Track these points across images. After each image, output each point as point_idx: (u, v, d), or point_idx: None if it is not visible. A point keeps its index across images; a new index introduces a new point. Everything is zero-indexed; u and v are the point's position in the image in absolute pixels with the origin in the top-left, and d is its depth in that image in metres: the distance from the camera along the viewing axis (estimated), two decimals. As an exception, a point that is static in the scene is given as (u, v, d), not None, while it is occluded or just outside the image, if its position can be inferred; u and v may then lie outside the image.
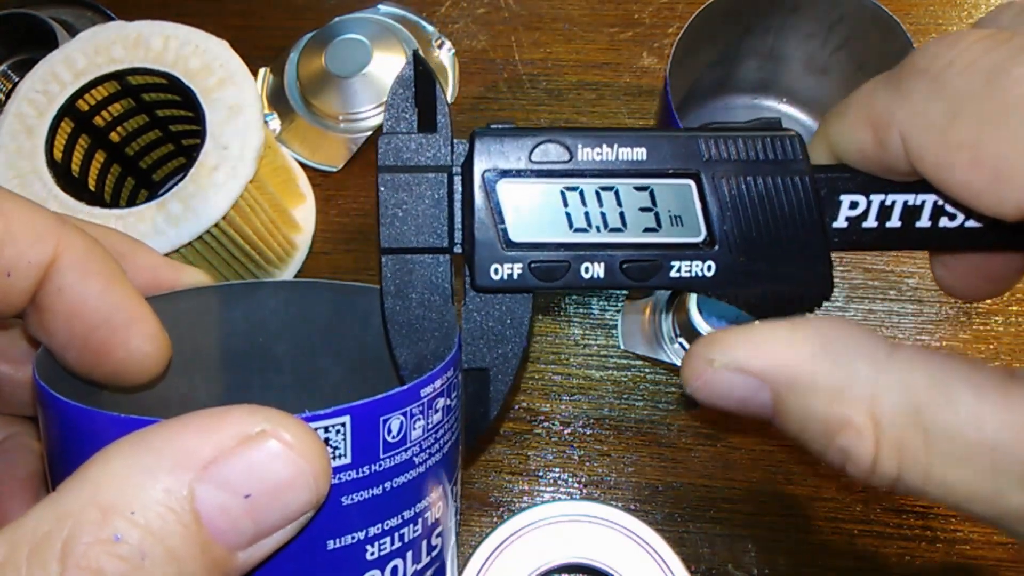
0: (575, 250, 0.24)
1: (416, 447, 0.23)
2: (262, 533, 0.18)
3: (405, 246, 0.25)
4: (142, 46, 0.44)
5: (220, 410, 0.18)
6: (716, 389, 0.23)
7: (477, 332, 0.26)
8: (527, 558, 0.37)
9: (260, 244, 0.46)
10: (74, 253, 0.24)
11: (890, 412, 0.20)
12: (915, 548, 0.44)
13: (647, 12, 0.58)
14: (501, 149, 0.24)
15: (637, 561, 0.37)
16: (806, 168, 0.24)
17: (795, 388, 0.22)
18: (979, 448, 0.20)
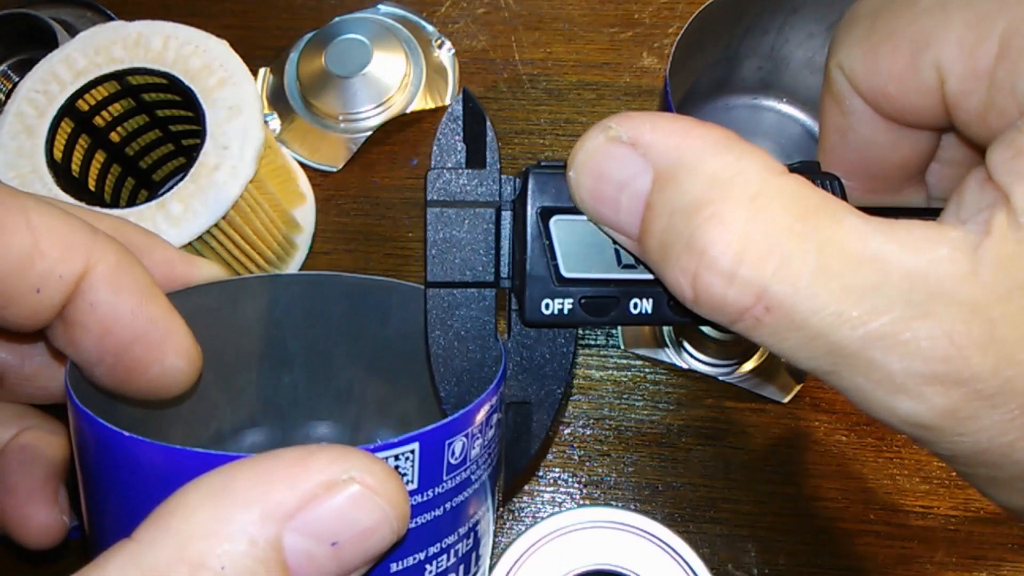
0: (624, 286, 0.25)
1: (474, 465, 0.23)
2: (344, 573, 0.18)
3: (451, 279, 0.25)
4: (142, 46, 0.44)
5: (304, 452, 0.18)
6: (596, 160, 0.21)
7: (521, 366, 0.26)
8: (553, 565, 0.37)
9: (260, 244, 0.46)
10: (107, 267, 0.23)
11: (773, 214, 0.18)
12: (915, 548, 0.44)
13: (647, 12, 0.58)
14: (554, 187, 0.24)
15: (664, 568, 0.37)
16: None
17: (676, 171, 0.20)
18: (864, 258, 0.18)
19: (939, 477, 0.45)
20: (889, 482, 0.45)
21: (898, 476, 0.45)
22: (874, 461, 0.46)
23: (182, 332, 0.25)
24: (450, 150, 0.25)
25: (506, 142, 0.54)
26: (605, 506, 0.39)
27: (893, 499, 0.45)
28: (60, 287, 0.22)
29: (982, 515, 0.44)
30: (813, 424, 0.46)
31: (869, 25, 0.21)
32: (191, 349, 0.25)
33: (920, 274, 0.17)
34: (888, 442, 0.46)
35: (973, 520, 0.44)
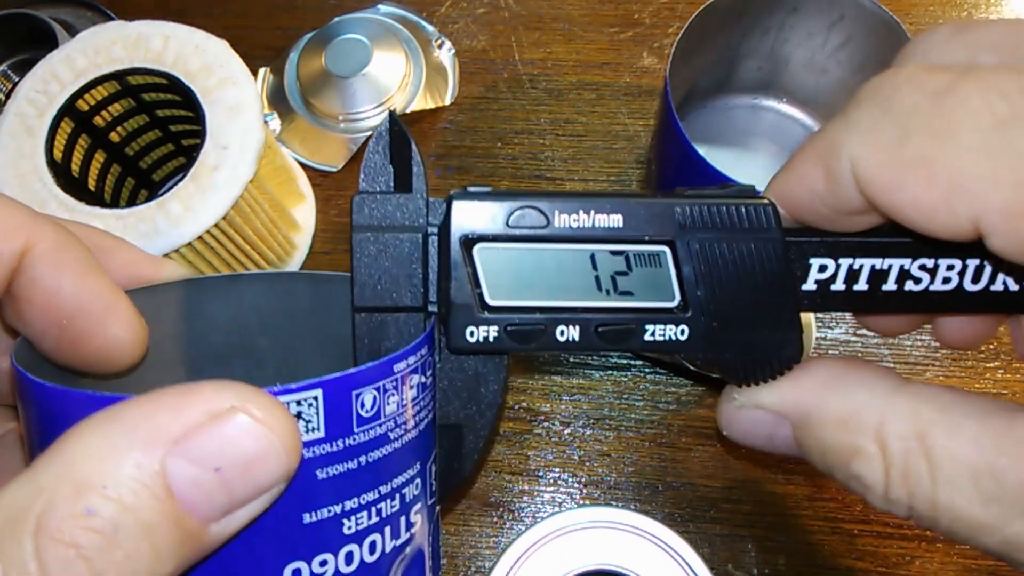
0: (551, 313, 0.25)
1: (391, 422, 0.23)
2: (234, 505, 0.19)
3: (379, 305, 0.25)
4: (142, 46, 0.44)
5: (191, 386, 0.19)
6: (743, 427, 0.25)
7: (452, 390, 0.26)
8: (553, 565, 0.37)
9: (260, 244, 0.46)
10: (47, 244, 0.24)
11: (896, 437, 0.21)
12: (915, 548, 0.44)
13: (647, 12, 0.58)
14: (478, 214, 0.24)
15: (664, 568, 0.37)
16: (779, 236, 0.24)
17: (808, 421, 0.23)
18: (982, 472, 0.20)
19: (939, 477, 0.45)
20: (889, 482, 0.45)
21: (898, 476, 0.45)
22: (874, 461, 0.46)
23: (123, 305, 0.26)
24: (378, 173, 0.25)
25: (506, 142, 0.54)
26: (605, 506, 0.39)
27: (893, 499, 0.45)
28: (3, 262, 0.24)
29: (982, 515, 0.44)
30: (813, 424, 0.46)
31: (899, 137, 0.20)
32: (134, 321, 0.26)
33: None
34: (888, 442, 0.46)
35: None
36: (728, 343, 0.25)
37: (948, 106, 0.19)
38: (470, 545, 0.45)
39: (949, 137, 0.19)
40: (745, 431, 0.25)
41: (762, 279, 0.24)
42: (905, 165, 0.20)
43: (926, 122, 0.20)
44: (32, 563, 0.16)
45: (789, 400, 0.24)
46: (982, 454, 0.20)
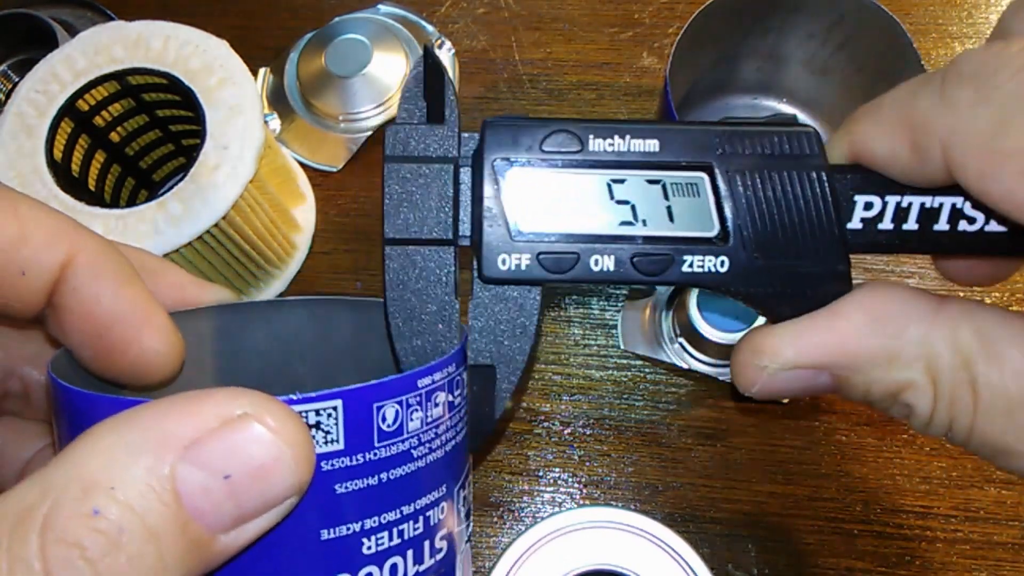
0: (585, 242, 0.24)
1: (414, 439, 0.22)
2: (244, 516, 0.18)
3: (409, 237, 0.25)
4: (142, 46, 0.44)
5: (204, 392, 0.19)
6: (776, 388, 0.24)
7: (485, 328, 0.25)
8: (553, 565, 0.37)
9: (260, 244, 0.46)
10: (88, 255, 0.25)
11: (945, 368, 0.21)
12: (915, 548, 0.44)
13: (647, 12, 0.58)
14: (512, 139, 0.24)
15: (664, 568, 0.37)
16: (823, 164, 0.23)
17: (853, 367, 0.23)
18: (1020, 403, 0.20)
19: (939, 477, 0.45)
20: (889, 482, 0.45)
21: (898, 476, 0.45)
22: (874, 461, 0.46)
23: (160, 317, 0.26)
24: (413, 107, 0.25)
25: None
26: (605, 506, 0.39)
27: (893, 499, 0.45)
28: (45, 271, 0.24)
29: (982, 515, 0.44)
30: (813, 424, 0.46)
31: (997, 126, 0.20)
32: (170, 333, 0.26)
33: None
34: (888, 442, 0.46)
35: (973, 520, 0.44)
36: (771, 276, 0.24)
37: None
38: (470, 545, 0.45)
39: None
40: (779, 392, 0.24)
41: (807, 208, 0.23)
42: (1001, 156, 0.20)
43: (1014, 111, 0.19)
44: (36, 562, 0.16)
45: (830, 352, 0.23)
46: (1022, 387, 0.20)
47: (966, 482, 0.45)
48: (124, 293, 0.25)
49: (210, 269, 0.44)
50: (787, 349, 0.23)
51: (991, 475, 0.45)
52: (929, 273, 0.49)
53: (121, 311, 0.25)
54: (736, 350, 0.24)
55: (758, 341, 0.24)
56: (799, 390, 0.24)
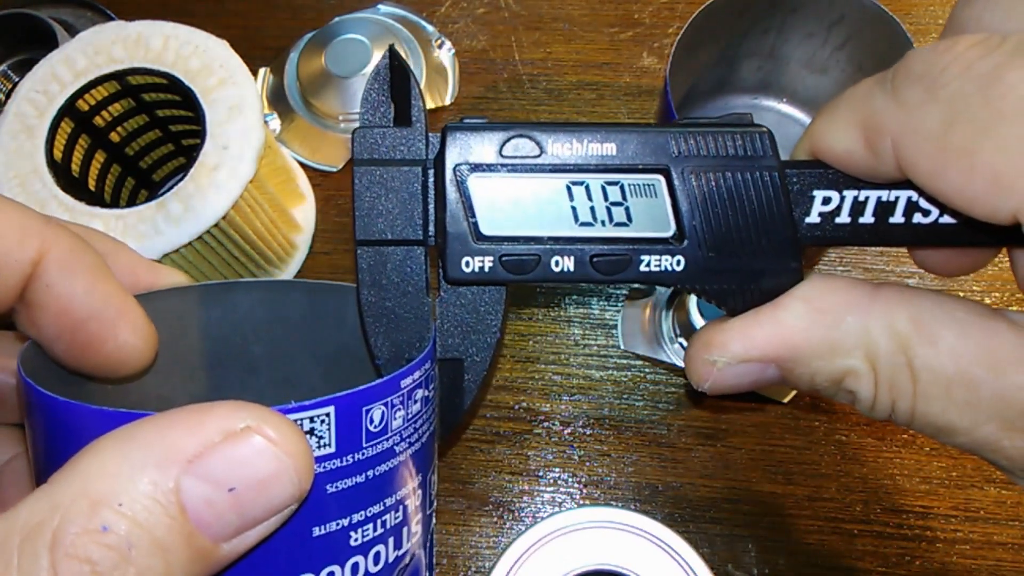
0: (546, 244, 0.25)
1: (397, 436, 0.23)
2: (246, 525, 0.19)
3: (380, 238, 0.25)
4: (142, 46, 0.44)
5: (207, 406, 0.19)
6: (726, 383, 0.25)
7: (452, 323, 0.26)
8: (553, 565, 0.37)
9: (260, 244, 0.46)
10: (60, 251, 0.25)
11: (883, 354, 0.22)
12: (915, 548, 0.44)
13: (647, 12, 0.58)
14: (472, 144, 0.24)
15: (664, 568, 0.37)
16: (775, 164, 0.24)
17: (796, 359, 0.23)
18: (957, 383, 0.21)
19: (939, 477, 0.45)
20: (889, 482, 0.45)
21: (898, 476, 0.45)
22: (874, 461, 0.46)
23: (134, 311, 0.26)
24: (377, 108, 0.25)
25: (506, 142, 0.54)
26: (605, 506, 0.39)
27: (893, 499, 0.45)
28: (18, 269, 0.24)
29: (982, 515, 0.44)
30: (813, 424, 0.46)
31: (944, 124, 0.20)
32: (144, 326, 0.27)
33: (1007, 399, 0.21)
34: (888, 442, 0.46)
35: (973, 520, 0.44)
36: (725, 273, 0.25)
37: (993, 95, 0.19)
38: (470, 545, 0.45)
39: (992, 129, 0.19)
40: (729, 386, 0.25)
41: (759, 207, 0.24)
42: (949, 154, 0.20)
43: (971, 111, 0.19)
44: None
45: (774, 346, 0.24)
46: (958, 365, 0.21)
47: (966, 482, 0.45)
48: (98, 288, 0.25)
49: (210, 269, 0.44)
50: (735, 344, 0.24)
51: (991, 475, 0.45)
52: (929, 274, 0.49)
53: (95, 306, 0.25)
54: (688, 346, 0.25)
55: (708, 336, 0.24)
56: (749, 383, 0.25)
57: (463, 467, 0.47)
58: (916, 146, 0.21)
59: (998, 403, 0.21)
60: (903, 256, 0.50)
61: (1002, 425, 0.21)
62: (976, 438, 0.22)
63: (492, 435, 0.47)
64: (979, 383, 0.21)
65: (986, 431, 0.21)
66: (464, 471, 0.47)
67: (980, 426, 0.21)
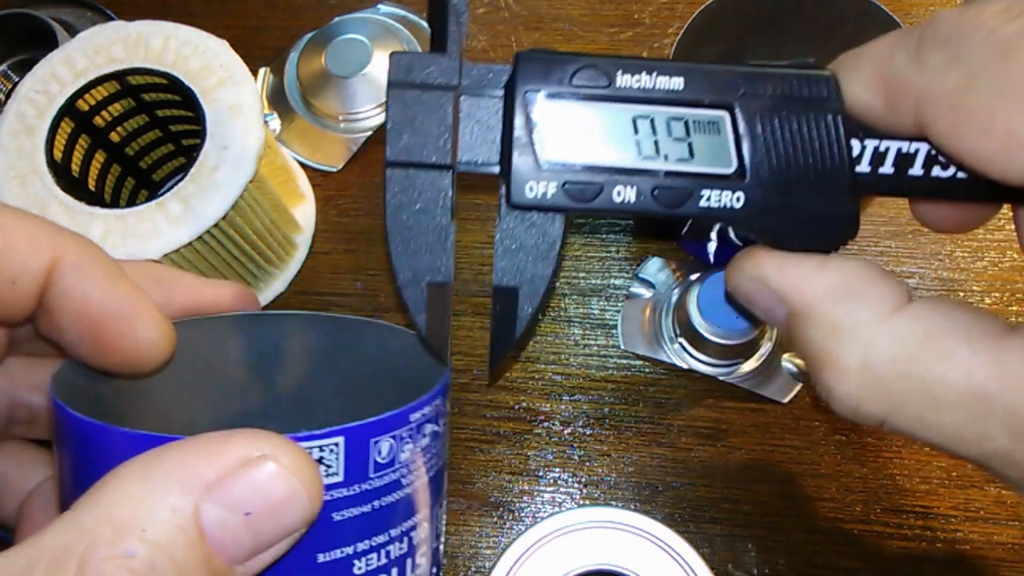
0: (608, 174, 0.25)
1: (404, 469, 0.24)
2: (260, 548, 0.20)
3: (410, 160, 0.26)
4: (142, 46, 0.44)
5: (225, 434, 0.20)
6: (746, 293, 0.26)
7: (509, 252, 0.26)
8: (553, 565, 0.37)
9: (260, 244, 0.46)
10: (72, 256, 0.26)
11: (883, 360, 0.22)
12: (915, 548, 0.44)
13: (647, 12, 0.58)
14: (543, 72, 0.25)
15: (664, 568, 0.37)
16: (839, 107, 0.24)
17: (801, 316, 0.24)
18: (968, 397, 0.21)
19: (939, 477, 0.45)
20: (889, 482, 0.45)
21: (898, 476, 0.45)
22: (874, 461, 0.46)
23: (150, 308, 0.27)
24: None
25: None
26: (605, 506, 0.39)
27: (893, 499, 0.45)
28: (34, 277, 0.25)
29: (982, 515, 0.44)
30: (813, 424, 0.46)
31: (964, 85, 0.21)
32: (161, 323, 0.27)
33: (1019, 412, 0.21)
34: (888, 442, 0.46)
35: (973, 520, 0.44)
36: (783, 214, 0.25)
37: (1012, 60, 0.20)
38: (470, 545, 0.45)
39: (1009, 91, 0.20)
40: (748, 298, 0.26)
41: (820, 151, 0.24)
42: (966, 115, 0.21)
43: (990, 73, 0.20)
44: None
45: (793, 291, 0.24)
46: (971, 381, 0.21)
47: (966, 482, 0.45)
48: (112, 288, 0.26)
49: (210, 269, 0.44)
50: (770, 269, 0.25)
51: (991, 475, 0.45)
52: (929, 273, 0.49)
53: (112, 306, 0.26)
54: (739, 252, 0.26)
55: (757, 250, 0.25)
56: (761, 309, 0.26)
57: (463, 467, 0.47)
58: (935, 107, 0.21)
59: (1009, 417, 0.21)
60: (903, 256, 0.50)
61: (1013, 439, 0.21)
62: (986, 450, 0.22)
63: (492, 435, 0.47)
64: (993, 398, 0.21)
65: (996, 444, 0.21)
66: (464, 471, 0.47)
67: (990, 439, 0.21)
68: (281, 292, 0.51)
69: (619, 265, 0.51)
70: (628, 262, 0.51)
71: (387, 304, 0.51)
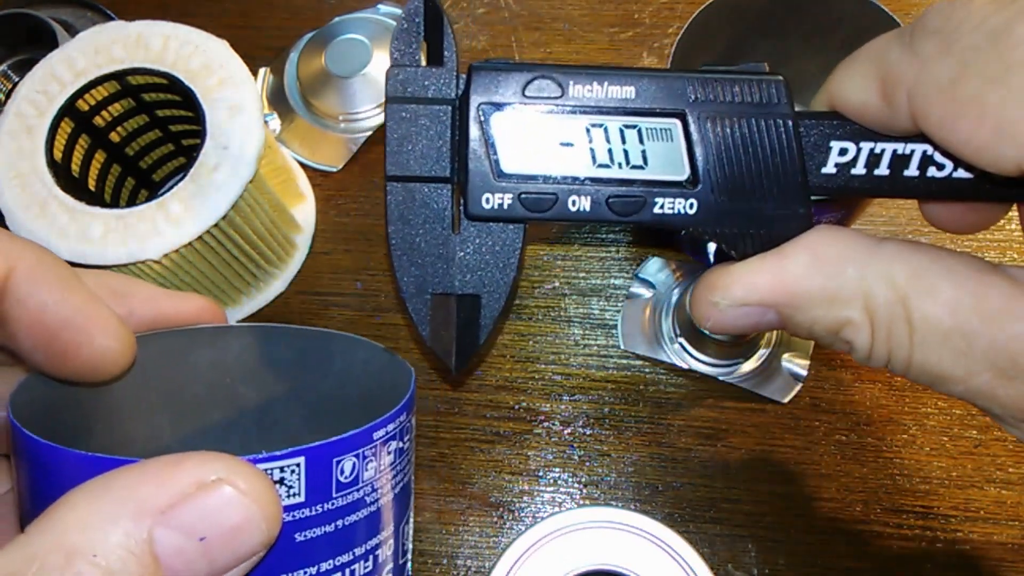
0: (563, 184, 0.25)
1: (368, 487, 0.24)
2: (216, 573, 0.19)
3: (409, 174, 0.26)
4: (142, 46, 0.44)
5: (178, 457, 0.19)
6: (727, 323, 0.25)
7: (471, 260, 0.27)
8: (553, 565, 0.37)
9: (260, 244, 0.46)
10: (26, 265, 0.25)
11: (881, 305, 0.23)
12: (915, 548, 0.44)
13: (647, 12, 0.58)
14: (497, 83, 0.25)
15: (664, 568, 0.37)
16: (789, 111, 0.25)
17: (795, 306, 0.24)
18: (953, 333, 0.22)
19: (939, 477, 0.45)
20: (889, 482, 0.45)
21: (898, 476, 0.45)
22: (874, 461, 0.46)
23: (107, 316, 0.27)
24: (408, 48, 0.26)
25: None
26: (605, 506, 0.39)
27: (893, 499, 0.45)
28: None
29: (982, 515, 0.44)
30: (813, 424, 0.46)
31: (956, 75, 0.21)
32: (119, 330, 0.27)
33: (1001, 348, 0.21)
34: (888, 442, 0.46)
35: (973, 520, 0.44)
36: (737, 218, 0.25)
37: (1003, 47, 0.20)
38: (470, 545, 0.45)
39: (1000, 80, 0.20)
40: (731, 327, 0.26)
41: (772, 154, 0.25)
42: (959, 104, 0.21)
43: (981, 62, 0.20)
44: None
45: (775, 292, 0.24)
46: (955, 317, 0.22)
47: (966, 482, 0.45)
48: (68, 297, 0.26)
49: (210, 269, 0.44)
50: (737, 287, 0.25)
51: (991, 475, 0.45)
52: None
53: (68, 315, 0.26)
54: (694, 286, 0.26)
55: (712, 279, 0.25)
56: (749, 326, 0.25)
57: (463, 467, 0.47)
58: (928, 97, 0.22)
59: (993, 353, 0.21)
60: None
61: (996, 374, 0.22)
62: (971, 386, 0.22)
63: (492, 435, 0.47)
64: (975, 334, 0.21)
65: (981, 380, 0.22)
66: (464, 471, 0.47)
67: (975, 375, 0.22)
68: (281, 292, 0.51)
69: (619, 265, 0.51)
70: (628, 262, 0.51)
71: (387, 304, 0.51)
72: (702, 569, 0.37)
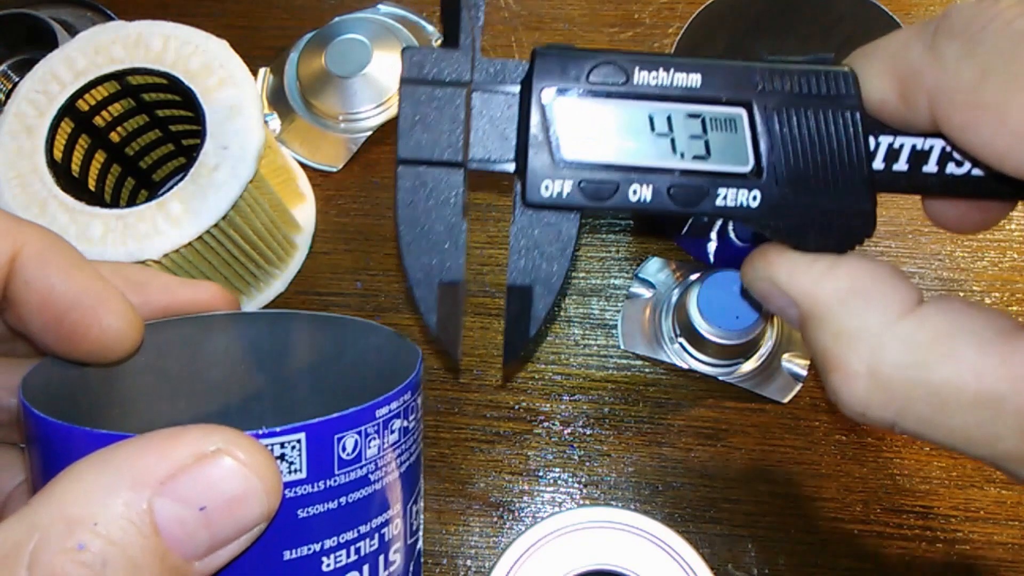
0: (624, 172, 0.25)
1: (371, 465, 0.24)
2: (217, 544, 0.20)
3: (420, 158, 0.25)
4: (142, 46, 0.44)
5: (179, 429, 0.20)
6: (757, 291, 0.26)
7: (524, 250, 0.26)
8: (553, 565, 0.37)
9: (260, 244, 0.46)
10: (34, 247, 0.25)
11: (890, 365, 0.22)
12: (915, 548, 0.44)
13: (647, 12, 0.58)
14: (560, 68, 0.24)
15: (664, 568, 0.37)
16: (857, 104, 0.24)
17: (811, 318, 0.24)
18: (978, 398, 0.21)
19: (939, 477, 0.45)
20: (889, 482, 0.45)
21: (898, 476, 0.45)
22: (874, 461, 0.46)
23: (114, 296, 0.27)
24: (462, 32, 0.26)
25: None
26: (605, 506, 0.39)
27: (893, 499, 0.45)
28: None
29: (982, 515, 0.44)
30: (813, 424, 0.46)
31: (978, 79, 0.20)
32: (126, 310, 0.27)
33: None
34: (888, 442, 0.46)
35: (973, 520, 0.44)
36: (800, 213, 0.25)
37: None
38: (470, 545, 0.45)
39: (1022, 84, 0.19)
40: (761, 297, 0.26)
41: (837, 148, 0.24)
42: (981, 108, 0.20)
43: (1005, 66, 0.20)
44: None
45: (803, 294, 0.24)
46: (980, 383, 0.21)
47: (966, 482, 0.45)
48: (76, 278, 0.26)
49: (210, 269, 0.44)
50: (781, 271, 0.24)
51: (991, 475, 0.45)
52: (929, 273, 0.49)
53: (75, 296, 0.26)
54: (756, 249, 0.26)
55: (771, 250, 0.25)
56: (775, 308, 0.26)
57: (463, 467, 0.47)
58: (950, 100, 0.21)
59: (1020, 418, 0.21)
60: (903, 256, 0.50)
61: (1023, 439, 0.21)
62: (997, 451, 0.22)
63: (492, 435, 0.47)
64: (1004, 400, 0.21)
65: (1008, 445, 0.21)
66: (464, 471, 0.47)
67: (1002, 440, 0.21)
68: (281, 292, 0.51)
69: (619, 265, 0.51)
70: (628, 262, 0.51)
71: (387, 304, 0.51)
72: (702, 569, 0.37)
